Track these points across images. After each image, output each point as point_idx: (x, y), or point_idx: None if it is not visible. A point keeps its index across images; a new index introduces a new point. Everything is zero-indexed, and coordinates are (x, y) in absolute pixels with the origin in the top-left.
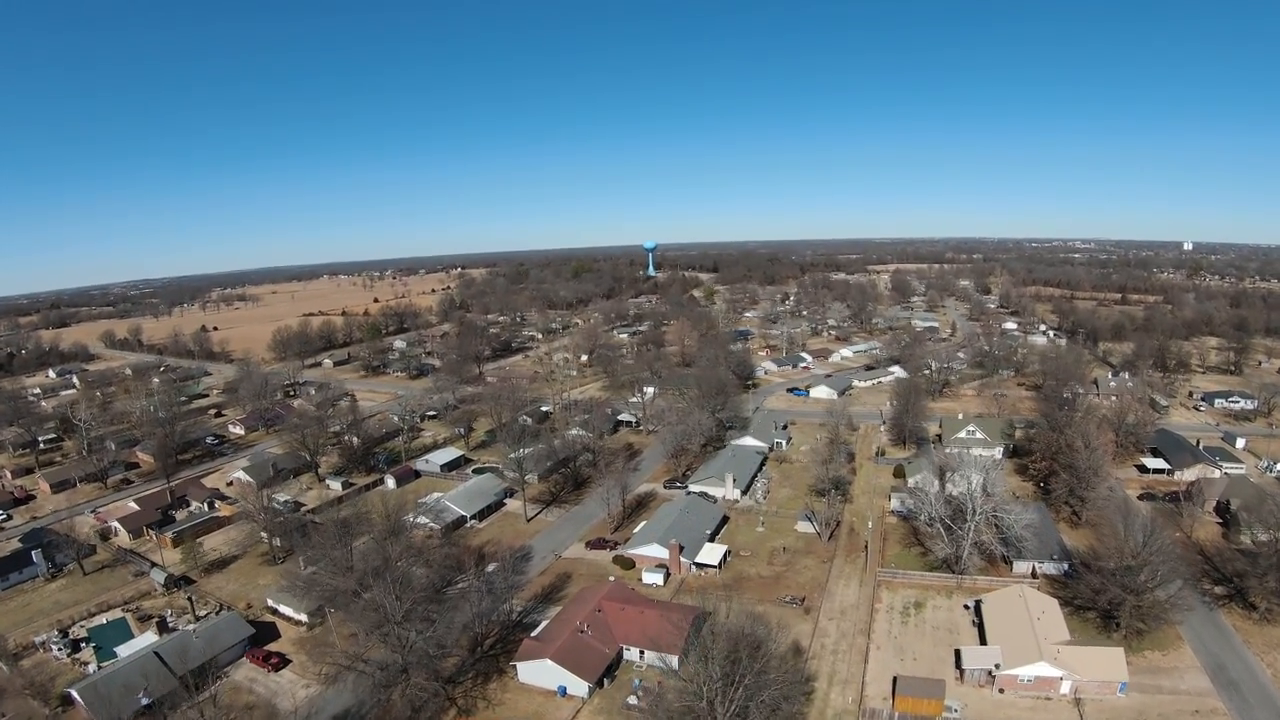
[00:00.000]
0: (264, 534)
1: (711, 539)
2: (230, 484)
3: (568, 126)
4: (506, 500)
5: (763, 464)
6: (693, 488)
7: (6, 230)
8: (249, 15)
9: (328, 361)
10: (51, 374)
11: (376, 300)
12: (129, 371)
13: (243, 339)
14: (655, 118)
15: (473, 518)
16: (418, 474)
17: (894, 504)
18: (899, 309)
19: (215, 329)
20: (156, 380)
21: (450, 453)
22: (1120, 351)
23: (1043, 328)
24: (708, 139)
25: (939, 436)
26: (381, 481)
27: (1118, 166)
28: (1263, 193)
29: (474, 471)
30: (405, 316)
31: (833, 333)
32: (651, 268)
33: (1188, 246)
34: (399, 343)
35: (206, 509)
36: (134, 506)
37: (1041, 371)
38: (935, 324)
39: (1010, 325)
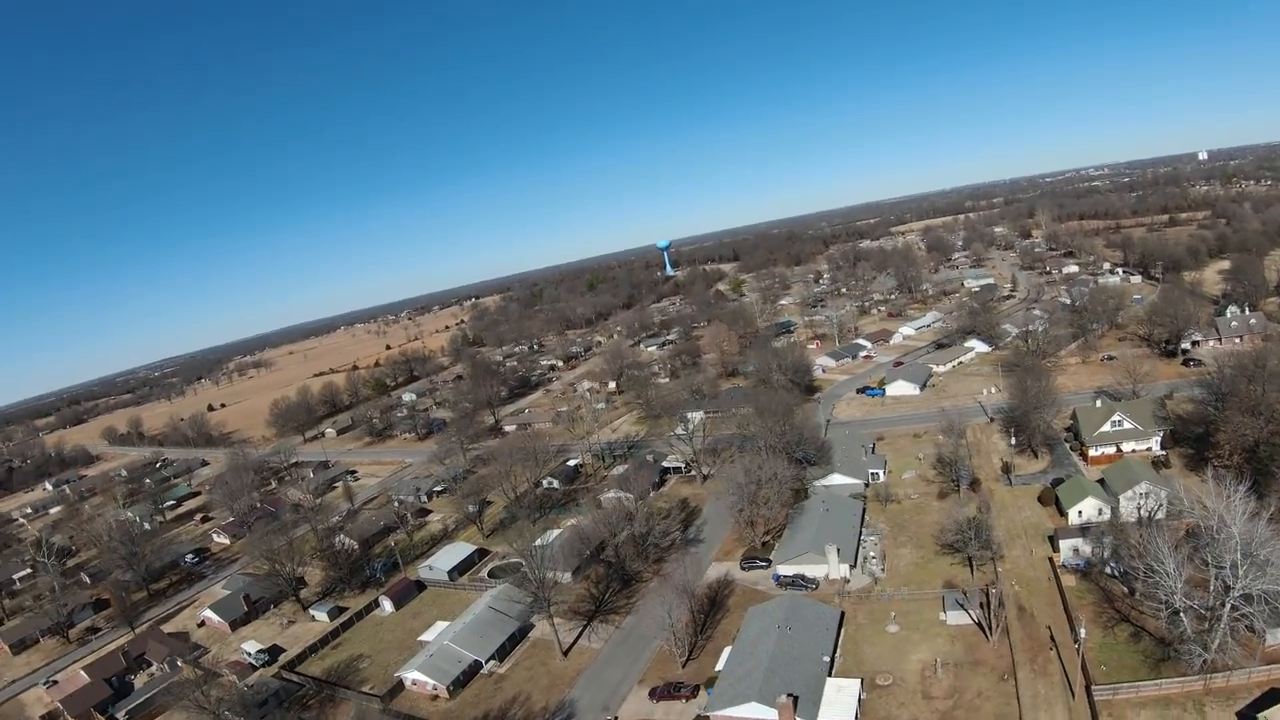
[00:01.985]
0: None
1: (830, 666)
2: (202, 624)
3: (569, 137)
4: (535, 620)
5: (863, 512)
6: (782, 570)
7: (25, 329)
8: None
9: (330, 430)
10: (49, 486)
11: (389, 348)
12: (124, 474)
13: (244, 416)
14: (652, 115)
15: (491, 658)
16: (421, 586)
17: (1065, 555)
18: (945, 269)
19: (222, 406)
20: (146, 481)
21: (460, 550)
22: (1207, 280)
23: (1106, 266)
24: (704, 126)
25: (1069, 429)
26: (377, 604)
27: (1114, 87)
28: (1269, 90)
29: (491, 574)
30: (414, 362)
31: (883, 309)
32: (669, 266)
33: (1203, 156)
34: (408, 395)
35: (168, 670)
36: (84, 677)
37: (1150, 322)
38: (990, 280)
39: (1072, 268)
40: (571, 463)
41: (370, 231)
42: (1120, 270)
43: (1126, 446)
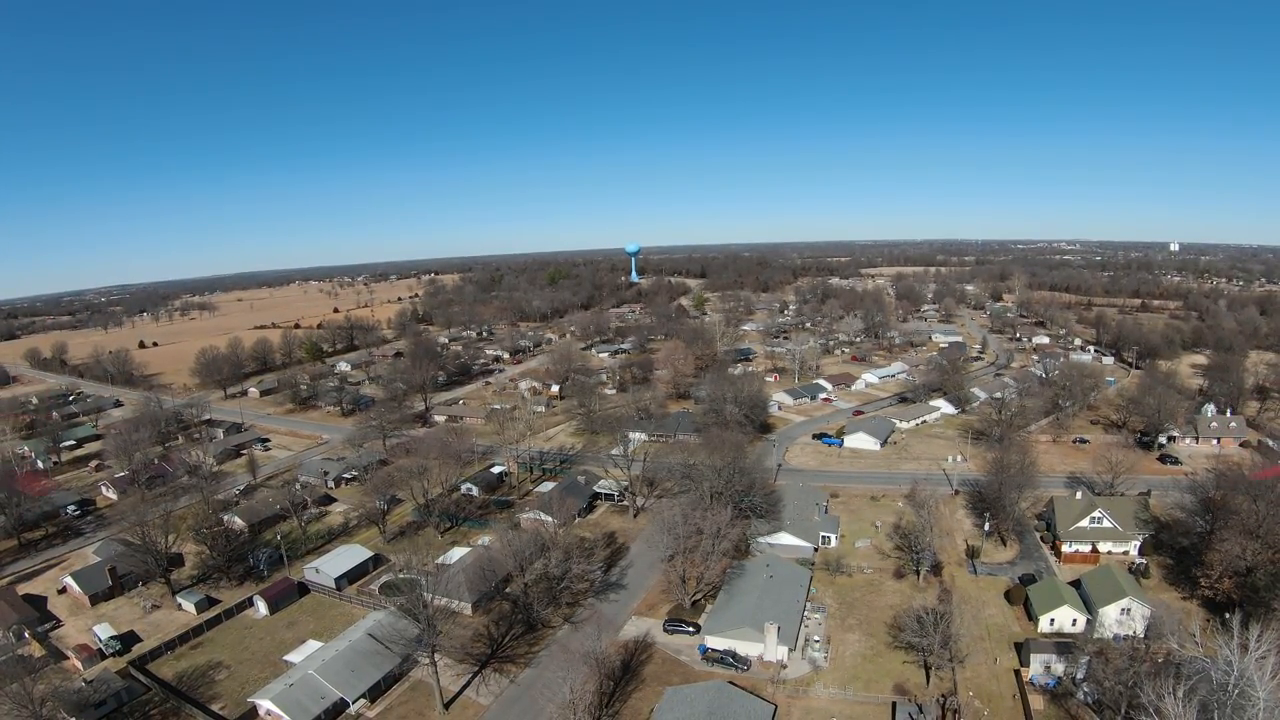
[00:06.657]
0: None
1: None
2: (62, 591)
3: (555, 126)
4: (420, 658)
5: (810, 582)
6: (712, 642)
7: None
8: (242, 19)
9: (254, 390)
10: None
11: (337, 310)
12: (34, 402)
13: (173, 359)
14: (639, 120)
15: (360, 698)
16: (304, 589)
17: (1035, 671)
18: (914, 319)
19: (155, 345)
20: (54, 414)
21: (354, 554)
22: (1182, 373)
23: (1078, 342)
24: (689, 139)
25: (1041, 518)
26: (251, 603)
27: (1094, 167)
28: (1244, 192)
29: (382, 589)
30: (357, 331)
31: (847, 351)
32: (635, 273)
33: (1174, 247)
34: (343, 365)
35: (12, 640)
36: None
37: (1126, 409)
38: (959, 338)
39: (1043, 339)
40: (496, 469)
41: (344, 189)
42: (1092, 349)
43: (1103, 547)
